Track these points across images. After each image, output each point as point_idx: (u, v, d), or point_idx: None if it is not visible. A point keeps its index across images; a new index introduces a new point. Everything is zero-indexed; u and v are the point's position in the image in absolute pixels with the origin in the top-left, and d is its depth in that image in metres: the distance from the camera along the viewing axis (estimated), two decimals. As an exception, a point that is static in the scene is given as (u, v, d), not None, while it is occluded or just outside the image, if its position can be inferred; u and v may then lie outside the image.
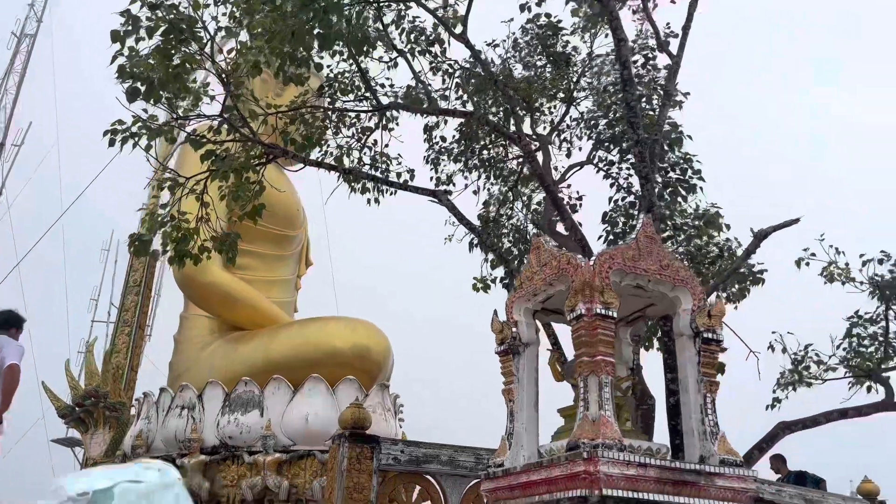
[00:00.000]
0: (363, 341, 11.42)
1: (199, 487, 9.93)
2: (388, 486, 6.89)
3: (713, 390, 3.36)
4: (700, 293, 3.51)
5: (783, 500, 9.41)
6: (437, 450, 7.06)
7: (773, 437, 5.91)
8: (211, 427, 10.65)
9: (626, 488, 2.91)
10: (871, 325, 6.97)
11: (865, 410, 5.94)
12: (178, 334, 12.89)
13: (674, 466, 3.03)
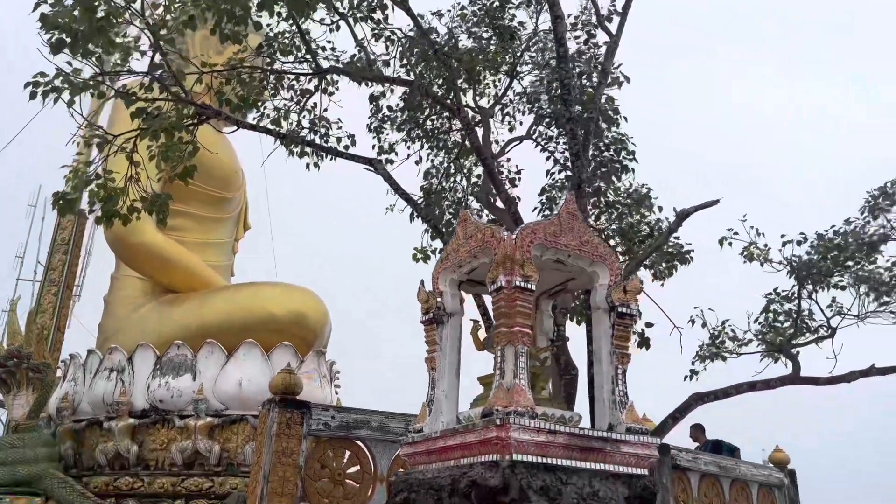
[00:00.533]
0: (300, 308, 11.38)
1: (126, 451, 9.81)
2: (317, 452, 6.96)
3: (625, 362, 3.51)
4: (617, 269, 3.64)
5: (699, 467, 9.89)
6: (367, 416, 7.15)
7: (686, 407, 6.20)
8: (141, 390, 10.49)
9: (535, 454, 3.03)
10: (786, 303, 7.33)
11: (773, 383, 6.28)
12: (108, 295, 12.57)
13: (582, 434, 3.17)
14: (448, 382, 3.65)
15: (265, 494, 6.27)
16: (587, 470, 3.16)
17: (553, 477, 3.07)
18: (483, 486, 2.96)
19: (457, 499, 3.08)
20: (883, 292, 6.95)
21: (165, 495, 9.34)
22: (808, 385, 6.37)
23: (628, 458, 3.27)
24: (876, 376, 6.34)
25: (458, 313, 3.81)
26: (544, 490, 3.00)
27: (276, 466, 6.40)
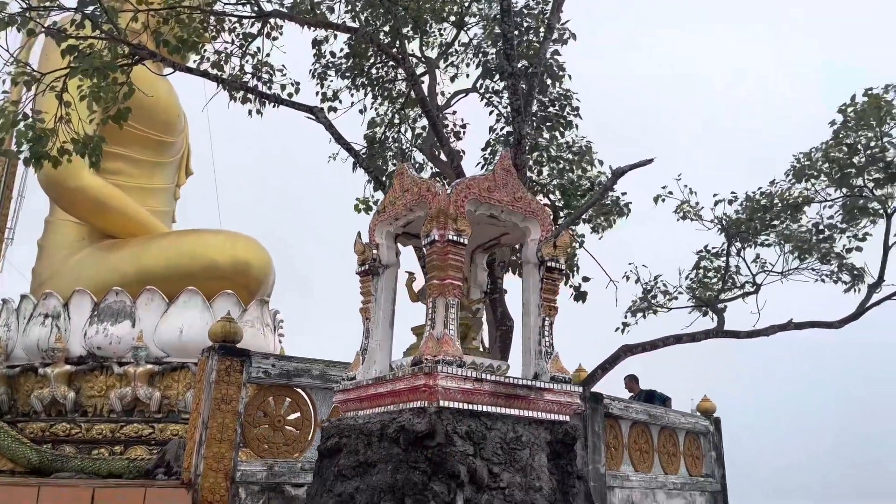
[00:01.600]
0: (243, 256, 11.27)
1: (63, 397, 9.69)
2: (257, 399, 7.03)
3: (552, 314, 3.65)
4: (548, 225, 3.74)
5: (630, 415, 10.35)
6: (308, 364, 7.24)
7: (615, 358, 6.47)
8: (77, 337, 10.32)
9: (461, 400, 3.16)
10: (715, 260, 7.63)
11: (698, 337, 6.58)
12: (42, 239, 12.20)
13: (507, 382, 3.31)
14: (382, 332, 3.74)
15: (204, 440, 6.33)
16: (511, 416, 3.31)
17: (478, 423, 3.20)
18: (410, 431, 3.08)
19: (385, 443, 3.20)
20: (804, 251, 7.29)
21: (104, 441, 9.30)
22: (729, 338, 6.69)
23: (551, 406, 3.43)
24: (793, 330, 6.70)
25: (393, 265, 3.87)
26: (469, 435, 3.14)
27: (216, 413, 6.45)
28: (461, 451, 3.07)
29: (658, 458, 10.83)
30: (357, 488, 3.18)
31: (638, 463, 10.43)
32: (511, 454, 3.24)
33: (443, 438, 3.05)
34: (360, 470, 3.23)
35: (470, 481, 3.05)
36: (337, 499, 3.23)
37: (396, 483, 3.07)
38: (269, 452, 6.86)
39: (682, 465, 11.40)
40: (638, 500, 10.01)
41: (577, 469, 3.50)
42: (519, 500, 3.16)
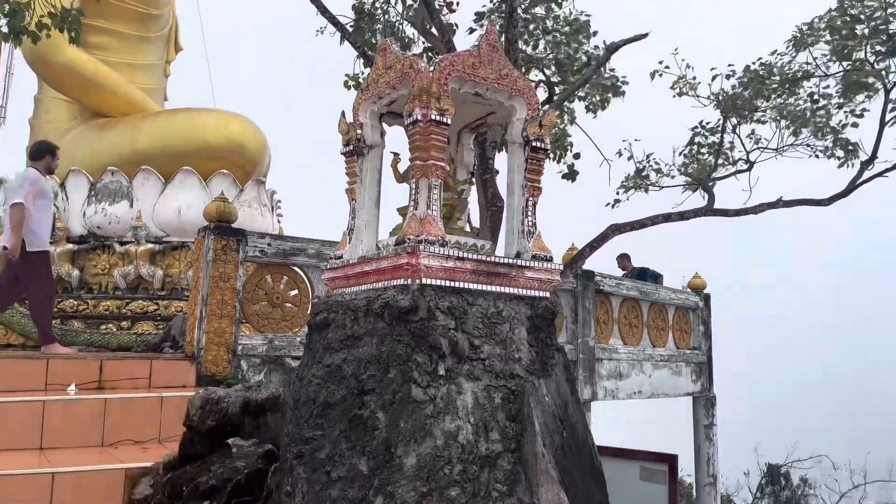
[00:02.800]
0: (237, 136, 11.17)
1: (67, 275, 9.92)
2: (255, 277, 7.21)
3: (535, 194, 3.67)
4: (535, 103, 3.69)
5: (620, 291, 10.62)
6: (304, 244, 7.36)
7: (603, 237, 6.54)
8: (77, 216, 10.44)
9: (443, 278, 3.25)
10: (710, 136, 7.54)
11: (686, 215, 6.62)
12: (33, 118, 12.06)
13: (488, 260, 3.38)
14: (368, 213, 3.78)
15: (204, 316, 6.55)
16: (492, 293, 3.41)
17: (459, 299, 3.31)
18: (394, 307, 3.19)
19: (371, 318, 3.32)
20: (800, 124, 7.19)
21: (111, 317, 9.62)
22: (719, 216, 6.74)
23: (532, 283, 3.53)
24: (782, 208, 6.73)
25: (378, 145, 3.86)
26: (451, 310, 3.25)
27: (214, 290, 6.64)
28: (443, 325, 3.20)
29: (647, 332, 11.22)
30: (345, 359, 3.34)
31: (627, 337, 10.82)
32: (492, 328, 3.38)
33: (425, 314, 3.16)
34: (348, 343, 3.38)
35: (451, 353, 3.20)
36: (326, 369, 3.40)
37: (382, 354, 3.21)
38: (269, 328, 7.12)
39: (670, 338, 11.83)
40: (625, 370, 10.47)
41: (555, 342, 3.65)
42: (498, 370, 3.33)
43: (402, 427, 3.05)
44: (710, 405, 12.24)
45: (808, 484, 18.46)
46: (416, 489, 2.96)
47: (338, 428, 3.23)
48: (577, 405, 3.72)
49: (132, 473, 4.45)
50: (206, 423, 4.64)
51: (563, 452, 3.35)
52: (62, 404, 5.11)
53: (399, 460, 3.00)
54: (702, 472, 12.10)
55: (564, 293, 9.66)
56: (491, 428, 3.21)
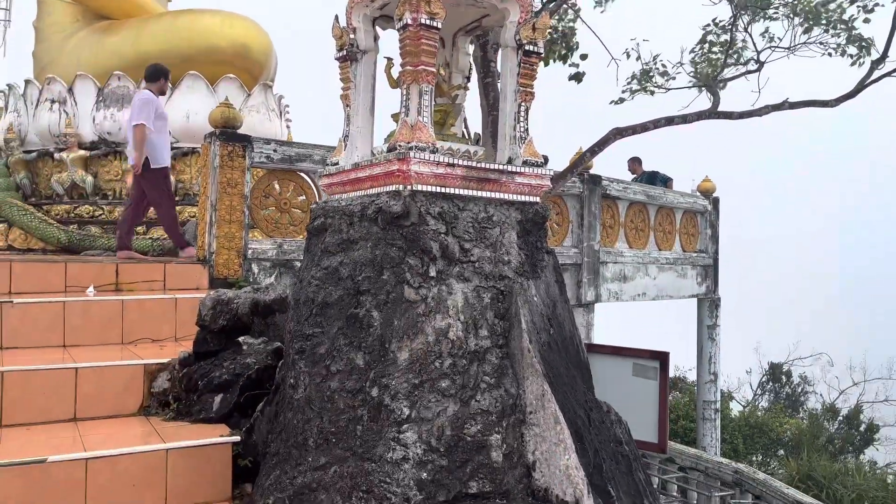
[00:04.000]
0: (242, 38, 11.00)
1: (81, 181, 10.10)
2: (262, 183, 7.33)
3: (528, 100, 3.70)
4: (528, 6, 3.65)
5: (628, 195, 10.67)
6: (310, 149, 7.42)
7: (605, 141, 6.53)
8: (86, 122, 10.49)
9: (434, 184, 3.34)
10: (722, 34, 7.33)
11: (689, 118, 6.56)
12: (37, 21, 11.89)
13: (479, 166, 3.46)
14: (362, 119, 3.83)
15: (214, 221, 6.72)
16: (483, 198, 3.51)
17: (450, 204, 3.42)
18: (387, 213, 3.31)
19: (366, 223, 3.45)
20: (812, 22, 6.96)
21: (126, 222, 9.85)
22: (722, 119, 6.67)
23: (522, 188, 3.61)
24: (788, 110, 6.64)
25: (371, 50, 3.86)
26: (441, 215, 3.37)
27: (223, 196, 6.78)
28: (433, 229, 3.32)
29: (653, 235, 11.33)
30: (341, 262, 3.50)
31: (633, 240, 10.95)
32: (482, 232, 3.50)
33: (416, 219, 3.28)
34: (344, 246, 3.52)
35: (442, 256, 3.34)
36: (324, 271, 3.56)
37: (376, 257, 3.36)
38: (278, 232, 7.30)
39: (676, 242, 11.94)
40: (630, 273, 10.66)
41: (545, 245, 3.77)
42: (488, 272, 3.47)
43: (396, 325, 3.24)
44: (715, 306, 12.49)
45: (807, 381, 19.03)
46: (408, 381, 3.17)
47: (336, 326, 3.43)
48: (565, 305, 3.88)
49: (150, 369, 4.74)
50: (217, 322, 4.89)
51: (549, 348, 3.54)
52: (82, 305, 5.37)
53: (393, 355, 3.21)
54: (703, 370, 12.50)
55: (571, 198, 9.73)
56: (480, 325, 3.39)
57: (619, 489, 3.31)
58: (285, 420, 3.58)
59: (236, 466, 4.10)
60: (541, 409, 3.25)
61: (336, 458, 3.19)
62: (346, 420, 3.23)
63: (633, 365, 5.83)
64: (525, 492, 3.19)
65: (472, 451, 3.17)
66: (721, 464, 9.53)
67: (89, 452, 3.80)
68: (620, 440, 3.66)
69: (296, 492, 3.24)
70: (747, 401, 18.86)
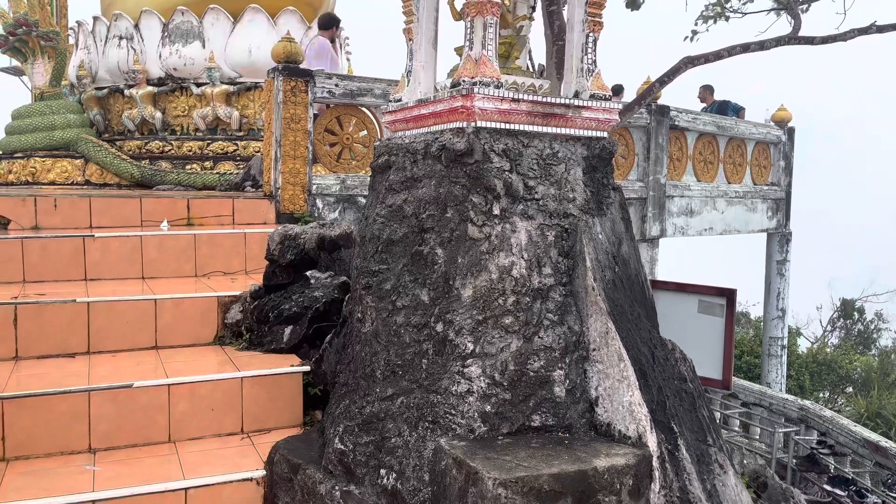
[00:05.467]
0: (300, -32, 10.87)
1: (151, 117, 10.36)
2: (325, 118, 7.37)
3: (597, 30, 3.56)
4: (598, -71, 3.48)
5: (697, 126, 10.30)
6: (371, 84, 7.39)
7: (675, 70, 6.25)
8: (153, 58, 10.66)
9: (498, 120, 3.29)
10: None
11: (767, 44, 6.18)
12: (99, -43, 12.00)
13: (545, 101, 3.38)
14: (425, 53, 3.78)
15: (279, 157, 6.83)
16: (548, 134, 3.45)
17: (515, 141, 3.37)
18: (451, 150, 3.29)
19: (429, 161, 3.44)
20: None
21: (194, 158, 10.10)
22: (803, 45, 6.28)
23: (589, 123, 3.53)
24: (875, 34, 6.19)
25: (434, -19, 3.77)
26: (506, 152, 3.33)
27: (287, 132, 6.86)
28: (497, 167, 3.29)
29: (723, 168, 10.96)
30: (405, 200, 3.52)
31: (701, 173, 10.62)
32: (547, 169, 3.45)
33: (480, 156, 3.26)
34: (408, 184, 3.54)
35: (506, 193, 3.32)
36: (388, 209, 3.60)
37: (440, 196, 3.37)
38: (341, 168, 7.37)
39: (747, 174, 11.53)
40: (697, 207, 10.39)
41: (612, 181, 3.70)
42: (552, 209, 3.44)
43: (460, 262, 3.26)
44: (786, 241, 12.10)
45: (881, 318, 18.40)
46: (472, 317, 3.22)
47: (401, 262, 3.48)
48: (631, 242, 3.83)
49: (224, 301, 4.94)
50: (285, 257, 5.03)
51: (613, 286, 3.52)
52: (157, 239, 5.59)
53: (457, 291, 3.25)
54: (771, 307, 12.23)
55: (637, 129, 9.45)
56: (544, 263, 3.39)
57: (683, 426, 3.33)
58: (353, 352, 3.70)
59: (306, 394, 4.29)
60: (604, 347, 3.26)
61: (402, 389, 3.30)
62: (411, 353, 3.32)
63: (698, 301, 5.75)
64: (587, 426, 3.24)
65: (534, 386, 3.22)
66: (786, 400, 9.42)
67: (171, 378, 4.03)
68: (685, 377, 3.65)
69: (364, 420, 3.38)
70: (816, 337, 18.42)
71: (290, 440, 3.83)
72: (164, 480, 3.46)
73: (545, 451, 2.94)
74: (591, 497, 2.79)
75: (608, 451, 2.98)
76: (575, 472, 2.78)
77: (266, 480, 3.60)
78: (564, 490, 2.73)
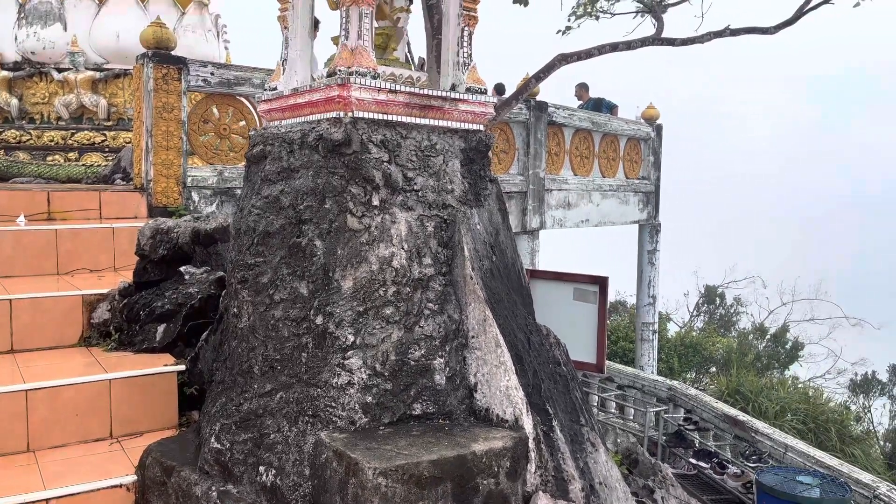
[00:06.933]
0: (172, -51, 10.37)
1: (6, 104, 9.57)
2: (200, 107, 7.08)
3: (472, 24, 3.63)
4: (471, -75, 3.54)
5: (573, 122, 10.70)
6: (249, 73, 7.17)
7: (550, 67, 6.49)
8: (8, 41, 9.87)
9: (376, 111, 3.29)
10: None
11: (633, 44, 6.55)
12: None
13: (422, 93, 3.42)
14: (301, 42, 3.71)
15: (150, 148, 6.50)
16: (426, 126, 3.48)
17: (393, 132, 3.38)
18: (328, 140, 3.26)
19: (306, 151, 3.39)
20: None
21: (57, 148, 9.44)
22: (665, 45, 6.69)
23: (465, 116, 3.59)
24: (729, 37, 6.69)
25: (310, -31, 3.71)
26: (384, 143, 3.33)
27: (159, 122, 6.55)
28: (376, 157, 3.29)
29: (598, 162, 11.46)
30: (282, 190, 3.45)
31: (578, 167, 11.06)
32: (425, 161, 3.49)
33: (358, 147, 3.24)
34: (284, 175, 3.47)
35: (385, 184, 3.32)
36: (265, 200, 3.52)
37: (318, 186, 3.33)
38: (218, 159, 7.11)
39: (620, 169, 12.12)
40: (574, 200, 10.82)
41: (489, 173, 3.79)
42: (431, 200, 3.48)
43: (339, 254, 3.24)
44: (655, 232, 12.84)
45: (740, 302, 19.99)
46: (352, 309, 3.21)
47: (278, 255, 3.41)
48: (507, 232, 3.94)
49: (90, 299, 4.65)
50: (157, 251, 4.81)
51: (491, 275, 3.61)
52: (13, 235, 5.18)
53: (337, 283, 3.22)
54: (643, 294, 12.95)
55: (517, 125, 9.71)
56: (424, 254, 3.42)
57: (557, 407, 3.47)
58: (230, 348, 3.59)
59: (182, 394, 4.13)
60: (482, 334, 3.34)
61: (282, 384, 3.24)
62: (290, 347, 3.26)
63: (573, 289, 6.00)
64: (467, 412, 3.31)
65: (415, 375, 3.26)
66: (657, 381, 10.01)
67: (29, 384, 3.75)
68: (559, 361, 3.80)
69: (242, 418, 3.29)
70: (684, 322, 19.70)
71: (163, 442, 3.67)
72: (22, 492, 3.22)
73: (425, 439, 2.98)
74: (470, 481, 2.85)
75: (486, 435, 3.06)
76: (454, 457, 2.84)
77: (137, 486, 3.44)
78: (444, 475, 2.78)
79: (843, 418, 12.63)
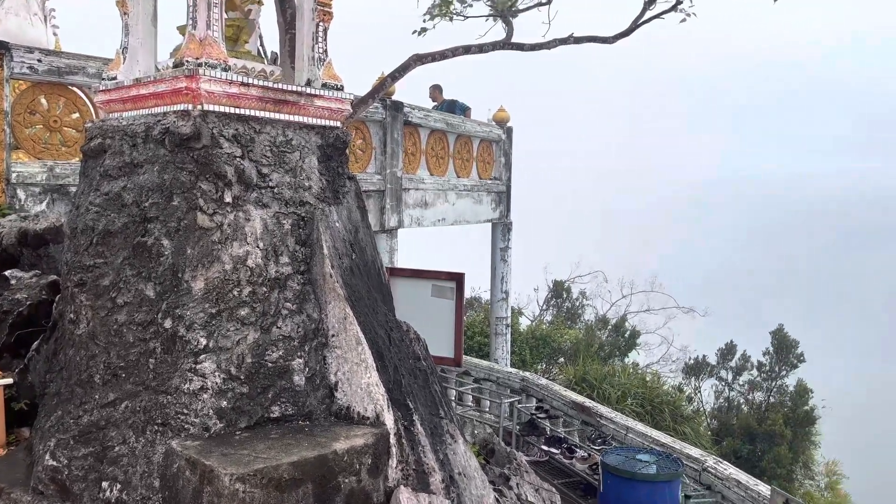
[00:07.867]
0: (-11, -77, 9.38)
1: None
2: (26, 97, 6.50)
3: (326, 20, 3.59)
4: (325, -80, 3.50)
5: (429, 123, 10.87)
6: (83, 61, 6.67)
7: (406, 67, 6.57)
8: None
9: (227, 104, 3.18)
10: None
11: (485, 48, 6.79)
12: None
13: (276, 87, 3.34)
14: (143, 30, 3.50)
15: (-34, 139, 5.85)
16: (281, 121, 3.41)
17: (246, 126, 3.28)
18: (176, 134, 3.10)
19: (151, 145, 3.20)
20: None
21: None
22: (514, 50, 6.99)
23: (322, 112, 3.55)
24: (573, 45, 7.09)
25: (152, -48, 3.50)
26: (236, 138, 3.22)
27: (-24, 110, 5.90)
28: (228, 153, 3.17)
29: (453, 163, 11.72)
30: (124, 187, 3.24)
31: (434, 167, 11.25)
32: (281, 157, 3.41)
33: (208, 141, 3.11)
34: (127, 170, 3.25)
35: (238, 181, 3.21)
36: (105, 197, 3.28)
37: (164, 182, 3.15)
38: (48, 154, 6.54)
39: (474, 169, 12.46)
40: (431, 200, 10.99)
41: (347, 171, 3.77)
42: (288, 197, 3.41)
43: (189, 253, 3.09)
44: (507, 230, 13.33)
45: (585, 296, 21.25)
46: (205, 311, 3.07)
47: (121, 255, 3.20)
48: (367, 230, 3.94)
49: None
50: (-24, 255, 4.34)
51: (351, 273, 3.59)
52: None
53: (187, 285, 3.07)
54: (496, 290, 13.40)
55: (374, 124, 9.71)
56: (281, 252, 3.34)
57: (417, 401, 3.52)
58: (66, 357, 3.32)
59: (9, 410, 3.75)
60: (343, 332, 3.32)
61: (127, 393, 3.04)
62: (136, 354, 3.07)
63: (431, 286, 6.11)
64: (327, 412, 3.28)
65: (274, 377, 3.18)
66: (510, 373, 10.40)
67: None
68: (419, 356, 3.86)
69: (81, 431, 3.05)
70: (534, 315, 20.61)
71: (-12, 465, 3.32)
72: None
73: (285, 441, 2.92)
74: (331, 480, 2.83)
75: (348, 433, 3.05)
76: (315, 457, 2.80)
77: (-43, 515, 3.09)
78: (305, 476, 2.73)
79: (676, 399, 13.76)
